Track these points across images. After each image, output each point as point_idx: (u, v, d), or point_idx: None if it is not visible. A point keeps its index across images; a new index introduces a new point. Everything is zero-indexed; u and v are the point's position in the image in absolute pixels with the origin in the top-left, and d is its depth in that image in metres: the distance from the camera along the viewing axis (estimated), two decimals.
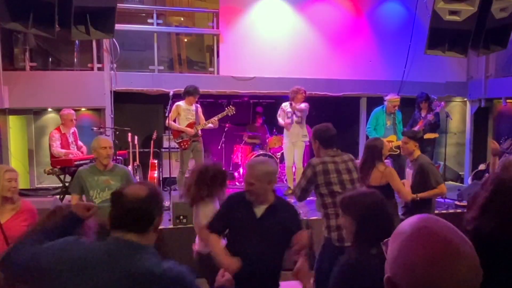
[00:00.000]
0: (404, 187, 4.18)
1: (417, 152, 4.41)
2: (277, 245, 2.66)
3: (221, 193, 3.35)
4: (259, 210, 2.71)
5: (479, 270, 0.96)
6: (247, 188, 2.69)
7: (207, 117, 6.63)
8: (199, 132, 6.52)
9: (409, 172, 4.63)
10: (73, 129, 6.48)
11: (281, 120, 7.05)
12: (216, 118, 6.51)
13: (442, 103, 7.14)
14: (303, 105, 6.76)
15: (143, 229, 1.62)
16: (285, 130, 7.02)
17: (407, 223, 1.04)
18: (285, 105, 6.98)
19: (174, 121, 6.52)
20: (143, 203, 1.61)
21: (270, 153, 8.08)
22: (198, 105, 6.67)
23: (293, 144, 6.90)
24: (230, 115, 6.68)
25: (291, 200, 4.23)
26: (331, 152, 3.43)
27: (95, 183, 3.85)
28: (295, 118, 6.85)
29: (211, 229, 2.81)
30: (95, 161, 4.00)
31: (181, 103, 6.52)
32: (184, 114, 6.48)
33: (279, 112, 7.11)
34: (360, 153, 8.48)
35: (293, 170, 7.05)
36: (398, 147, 6.37)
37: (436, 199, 5.92)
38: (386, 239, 1.09)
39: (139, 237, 1.61)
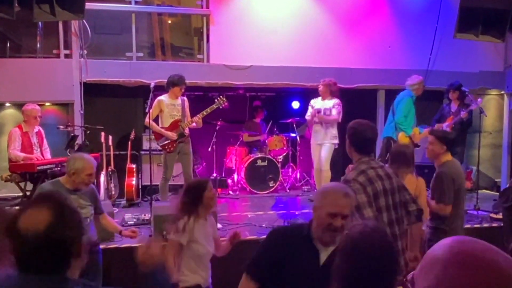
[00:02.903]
0: (427, 205, 4.20)
1: (445, 157, 4.29)
2: None
3: (206, 207, 3.50)
4: (324, 254, 2.37)
5: None
6: (339, 224, 2.31)
7: (195, 114, 6.58)
8: (186, 131, 6.49)
9: None
10: (37, 128, 6.47)
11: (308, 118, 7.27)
12: (204, 113, 6.46)
13: (480, 99, 7.14)
14: (334, 110, 6.91)
15: (56, 270, 1.50)
16: (313, 129, 7.22)
17: (439, 249, 1.01)
18: (314, 102, 7.13)
19: (156, 119, 6.51)
20: (45, 238, 1.44)
21: (270, 156, 8.11)
22: (185, 98, 6.64)
23: (320, 146, 7.07)
24: (221, 108, 6.68)
25: None
26: (366, 158, 3.29)
27: None
28: (324, 115, 6.99)
29: (251, 274, 2.46)
30: (65, 179, 3.90)
31: (164, 97, 6.49)
32: (168, 111, 6.44)
33: (308, 109, 7.24)
34: (378, 155, 8.55)
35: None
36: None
37: (468, 211, 5.98)
38: (411, 273, 1.07)
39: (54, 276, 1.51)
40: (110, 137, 6.99)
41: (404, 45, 8.25)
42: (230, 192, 8.08)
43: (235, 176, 8.23)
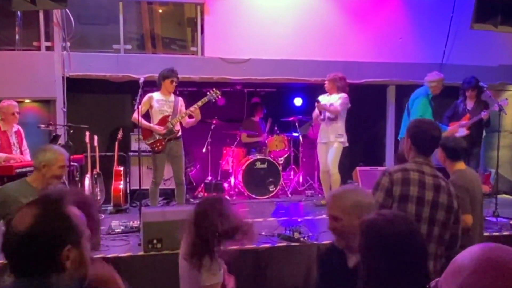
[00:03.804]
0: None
1: (456, 165, 4.35)
2: None
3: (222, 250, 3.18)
4: (354, 259, 2.57)
5: None
6: (330, 226, 2.63)
7: None
8: (176, 128, 6.47)
9: None
10: (16, 127, 6.45)
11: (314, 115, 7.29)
12: (195, 106, 6.43)
13: (505, 100, 7.09)
14: (338, 101, 6.89)
15: (38, 273, 1.53)
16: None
17: (467, 256, 1.03)
18: (321, 98, 7.12)
19: (146, 116, 6.50)
20: (25, 240, 1.51)
21: (269, 158, 8.11)
22: (180, 98, 6.67)
23: (326, 145, 7.07)
24: (214, 101, 6.67)
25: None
26: (421, 159, 3.28)
27: None
28: (327, 114, 7.00)
29: None
30: (33, 177, 3.85)
31: (156, 93, 6.51)
32: (158, 106, 6.46)
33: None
34: (388, 158, 8.57)
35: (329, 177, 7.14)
36: None
37: (486, 217, 5.97)
38: (434, 280, 1.09)
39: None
40: (96, 137, 6.98)
41: (416, 37, 8.25)
42: (227, 197, 7.98)
43: (232, 180, 8.21)
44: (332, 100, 6.98)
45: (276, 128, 8.59)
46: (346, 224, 2.54)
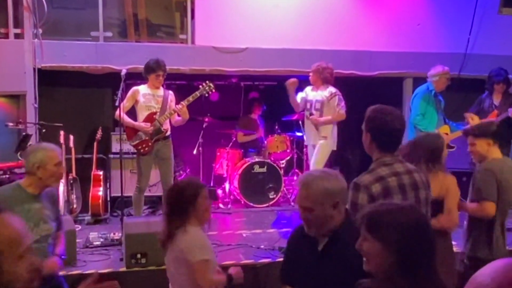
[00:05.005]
0: (456, 209, 4.20)
1: (493, 153, 4.36)
2: None
3: (201, 215, 3.36)
4: (322, 241, 2.85)
5: None
6: (302, 216, 2.80)
7: None
8: (164, 127, 6.43)
9: None
10: None
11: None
12: (185, 102, 6.41)
13: None
14: (333, 101, 6.78)
15: None
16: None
17: (488, 273, 1.05)
18: (308, 92, 7.05)
19: (130, 113, 6.47)
20: None
21: (269, 161, 8.07)
22: (171, 92, 6.64)
23: (313, 147, 7.01)
24: (207, 96, 6.66)
25: None
26: (388, 158, 3.21)
27: (25, 215, 3.61)
28: (313, 111, 6.92)
29: (283, 281, 3.06)
30: (28, 181, 3.81)
31: (142, 86, 6.50)
32: (144, 101, 6.42)
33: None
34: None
35: None
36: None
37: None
38: None
39: None
40: (71, 137, 6.96)
41: (436, 23, 8.24)
42: (221, 205, 8.03)
43: (227, 186, 8.19)
44: (318, 97, 6.86)
45: (276, 127, 8.54)
46: (319, 214, 2.71)
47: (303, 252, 2.91)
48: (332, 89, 6.83)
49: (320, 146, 6.86)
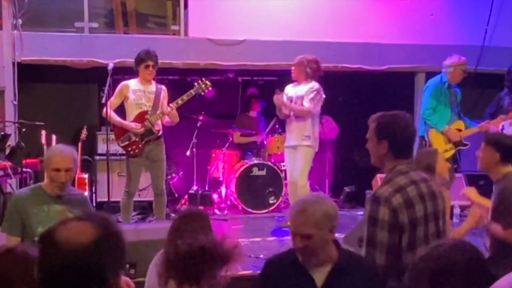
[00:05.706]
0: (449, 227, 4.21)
1: (504, 168, 4.30)
2: None
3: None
4: (320, 276, 2.85)
5: None
6: (300, 244, 2.81)
7: None
8: (155, 127, 6.40)
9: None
10: None
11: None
12: (178, 101, 6.39)
13: None
14: (308, 95, 6.66)
15: None
16: None
17: (507, 283, 1.08)
18: (288, 90, 6.93)
19: (119, 110, 6.45)
20: (87, 255, 1.58)
21: (270, 163, 8.05)
22: (163, 87, 6.60)
23: (293, 150, 6.90)
24: (203, 94, 6.68)
25: None
26: (403, 166, 3.21)
27: (45, 216, 3.82)
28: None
29: None
30: (45, 182, 3.98)
31: (132, 81, 6.45)
32: (135, 98, 6.37)
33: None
34: None
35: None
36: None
37: None
38: None
39: None
40: (54, 137, 6.98)
41: (451, 13, 8.27)
42: (216, 211, 7.99)
43: (223, 190, 8.19)
44: (299, 92, 6.75)
45: (277, 126, 8.54)
46: (318, 240, 2.77)
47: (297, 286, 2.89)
48: (314, 84, 6.71)
49: (302, 151, 6.79)
